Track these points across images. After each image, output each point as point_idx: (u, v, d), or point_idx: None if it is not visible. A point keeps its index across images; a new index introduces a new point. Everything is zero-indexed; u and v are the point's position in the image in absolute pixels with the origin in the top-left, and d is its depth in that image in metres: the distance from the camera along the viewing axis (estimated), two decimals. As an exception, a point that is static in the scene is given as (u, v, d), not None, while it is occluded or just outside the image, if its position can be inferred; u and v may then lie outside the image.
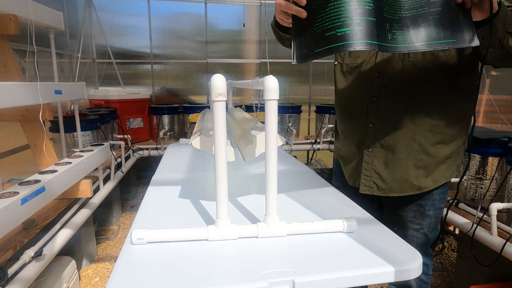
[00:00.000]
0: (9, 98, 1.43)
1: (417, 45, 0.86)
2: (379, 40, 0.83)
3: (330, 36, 0.82)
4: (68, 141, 2.61)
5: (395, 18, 0.86)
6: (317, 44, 0.83)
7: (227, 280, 0.71)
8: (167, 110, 3.99)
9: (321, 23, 0.83)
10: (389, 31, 0.85)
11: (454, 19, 0.86)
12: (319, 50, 0.83)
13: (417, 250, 0.86)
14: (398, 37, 0.86)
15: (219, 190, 0.86)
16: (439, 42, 0.86)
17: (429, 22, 0.87)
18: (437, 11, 0.87)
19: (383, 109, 1.13)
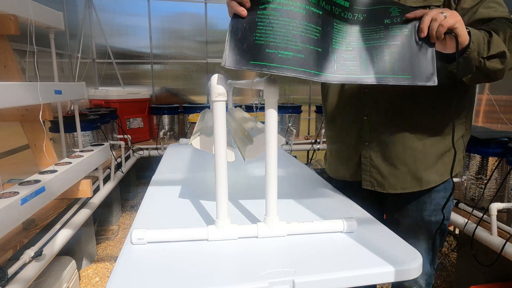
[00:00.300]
0: (9, 98, 1.43)
1: (365, 77, 0.82)
2: (322, 70, 0.80)
3: (270, 54, 0.76)
4: (68, 141, 2.61)
5: (347, 49, 0.84)
6: (254, 56, 0.76)
7: (227, 280, 0.71)
8: (167, 110, 3.99)
9: (264, 36, 0.77)
10: (336, 62, 0.82)
11: (414, 55, 0.84)
12: (254, 63, 0.76)
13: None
14: (346, 68, 0.82)
15: (219, 190, 0.86)
16: (392, 77, 0.83)
17: (385, 55, 0.84)
18: (396, 45, 0.84)
19: (378, 102, 1.12)
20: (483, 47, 0.86)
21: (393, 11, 0.86)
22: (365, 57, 0.84)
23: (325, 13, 0.82)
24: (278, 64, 0.77)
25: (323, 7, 0.81)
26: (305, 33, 0.79)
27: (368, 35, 0.85)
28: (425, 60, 0.84)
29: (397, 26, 0.86)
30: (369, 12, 0.86)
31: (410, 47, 0.85)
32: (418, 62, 0.84)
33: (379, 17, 0.86)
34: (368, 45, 0.84)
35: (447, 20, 0.81)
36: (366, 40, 0.85)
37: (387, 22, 0.86)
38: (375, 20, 0.86)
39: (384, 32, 0.85)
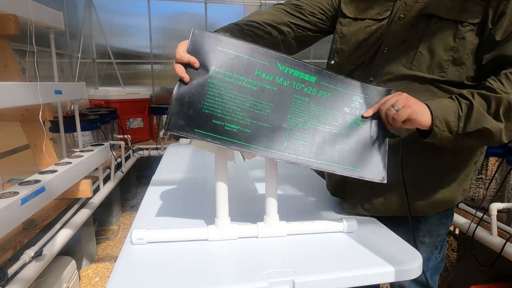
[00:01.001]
0: (9, 98, 1.43)
1: (313, 161, 0.81)
2: (270, 147, 0.78)
3: (216, 125, 0.76)
4: (68, 141, 2.61)
5: (302, 127, 0.81)
6: (199, 125, 0.75)
7: (227, 280, 0.71)
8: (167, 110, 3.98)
9: (212, 106, 0.76)
10: (287, 139, 0.80)
11: (366, 149, 0.83)
12: (199, 132, 0.75)
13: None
14: (296, 147, 0.80)
15: (219, 190, 0.86)
16: (339, 167, 0.82)
17: (336, 144, 0.82)
18: (349, 136, 0.83)
19: None
20: (456, 124, 0.78)
21: (355, 101, 0.85)
22: (317, 141, 0.81)
23: (281, 89, 0.80)
24: (223, 136, 0.76)
25: (281, 83, 0.80)
26: (254, 109, 0.78)
27: (326, 118, 0.83)
28: (377, 156, 0.84)
29: (354, 119, 0.84)
30: (333, 92, 0.84)
31: (364, 140, 0.84)
32: (369, 156, 0.84)
33: (340, 102, 0.84)
34: (323, 128, 0.82)
35: (399, 114, 0.77)
36: (322, 123, 0.82)
37: (346, 110, 0.84)
38: (336, 103, 0.84)
39: (341, 120, 0.83)
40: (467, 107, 0.78)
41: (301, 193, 1.27)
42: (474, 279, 1.88)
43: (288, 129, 0.80)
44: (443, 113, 0.78)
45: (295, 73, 0.81)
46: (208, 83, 0.76)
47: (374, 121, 0.85)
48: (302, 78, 0.81)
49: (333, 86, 0.84)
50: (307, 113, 0.81)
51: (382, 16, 0.95)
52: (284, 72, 0.80)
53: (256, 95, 0.78)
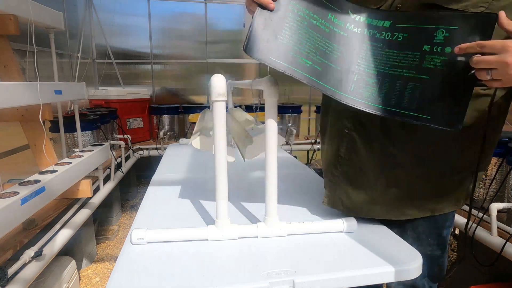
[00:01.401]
0: (9, 98, 1.43)
1: (379, 107, 0.77)
2: (337, 87, 0.78)
3: (290, 56, 0.77)
4: (68, 141, 2.61)
5: (373, 72, 0.78)
6: (275, 53, 0.76)
7: (227, 280, 0.71)
8: (167, 110, 3.99)
9: (289, 38, 0.77)
10: (355, 82, 0.79)
11: (441, 95, 0.73)
12: (273, 61, 0.76)
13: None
14: (362, 91, 0.78)
15: (219, 190, 0.86)
16: (407, 114, 0.75)
17: (407, 88, 0.76)
18: (424, 80, 0.75)
19: (362, 114, 0.85)
20: None
21: (438, 35, 0.74)
22: (386, 86, 0.77)
23: (352, 35, 0.80)
24: (297, 68, 0.77)
25: (352, 30, 0.80)
26: (325, 49, 0.79)
27: (400, 60, 0.77)
28: (454, 103, 0.73)
29: (435, 58, 0.74)
30: (411, 31, 0.77)
31: (440, 85, 0.74)
32: (444, 104, 0.73)
33: (419, 39, 0.76)
34: (395, 72, 0.77)
35: (492, 83, 0.66)
36: (394, 67, 0.78)
37: (425, 49, 0.75)
38: (414, 43, 0.76)
39: (418, 61, 0.75)
40: None
41: (302, 193, 1.27)
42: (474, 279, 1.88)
43: (356, 73, 0.79)
44: None
45: (367, 21, 0.80)
46: (286, 15, 0.78)
47: (460, 61, 0.72)
48: (375, 24, 0.80)
49: (412, 24, 0.77)
50: (377, 58, 0.79)
51: (377, 5, 0.89)
52: (355, 20, 0.80)
53: (328, 37, 0.79)
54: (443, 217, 0.98)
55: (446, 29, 0.74)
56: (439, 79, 0.74)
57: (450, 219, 1.00)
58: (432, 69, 0.74)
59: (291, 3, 0.78)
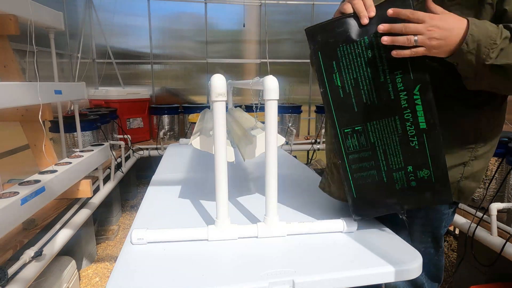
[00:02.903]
0: (9, 98, 1.43)
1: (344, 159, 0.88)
2: (340, 117, 0.87)
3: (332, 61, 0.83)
4: (68, 141, 2.61)
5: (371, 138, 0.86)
6: (329, 56, 0.83)
7: (227, 280, 0.71)
8: (167, 110, 3.99)
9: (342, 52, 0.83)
10: (352, 130, 0.87)
11: (376, 197, 0.89)
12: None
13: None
14: (350, 140, 0.87)
15: (219, 190, 0.86)
16: (349, 180, 0.89)
17: (368, 172, 0.88)
18: (380, 181, 0.87)
19: None
20: (486, 51, 0.73)
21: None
22: (363, 156, 0.88)
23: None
24: (324, 76, 0.85)
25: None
26: (363, 86, 0.85)
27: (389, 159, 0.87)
28: (375, 211, 0.92)
29: (403, 179, 0.87)
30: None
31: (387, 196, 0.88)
32: (372, 204, 0.90)
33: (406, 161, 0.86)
34: (379, 160, 0.87)
35: (418, 50, 0.75)
36: (386, 159, 0.88)
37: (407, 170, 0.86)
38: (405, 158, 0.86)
39: (399, 165, 0.86)
40: (508, 39, 0.73)
41: (301, 193, 1.27)
42: (474, 279, 1.88)
43: (363, 127, 0.86)
44: (479, 34, 0.73)
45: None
46: (356, 41, 0.82)
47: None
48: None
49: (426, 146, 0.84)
50: (383, 137, 0.86)
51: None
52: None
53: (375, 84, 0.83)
54: (437, 216, 0.98)
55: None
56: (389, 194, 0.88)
57: (446, 219, 1.00)
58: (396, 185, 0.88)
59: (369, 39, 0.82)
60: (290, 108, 4.02)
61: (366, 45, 0.81)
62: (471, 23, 0.74)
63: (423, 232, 1.00)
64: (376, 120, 0.84)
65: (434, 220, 0.99)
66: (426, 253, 1.01)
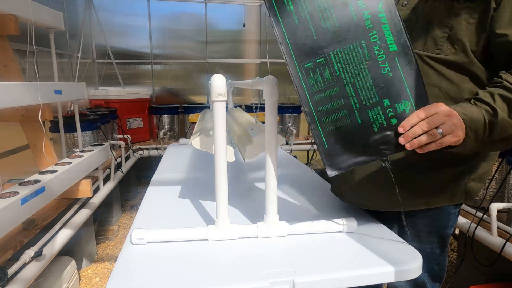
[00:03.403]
0: (9, 98, 1.43)
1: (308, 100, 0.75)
2: (297, 54, 0.74)
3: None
4: (68, 141, 2.61)
5: (336, 69, 0.74)
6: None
7: (227, 280, 0.71)
8: (167, 110, 3.99)
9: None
10: (313, 62, 0.74)
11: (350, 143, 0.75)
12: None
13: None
14: (312, 76, 0.74)
15: (219, 190, 0.86)
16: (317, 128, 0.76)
17: (339, 112, 0.74)
18: (354, 122, 0.74)
19: None
20: (482, 133, 0.74)
21: (402, 106, 0.74)
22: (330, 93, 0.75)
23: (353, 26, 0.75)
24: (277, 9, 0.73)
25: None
26: (320, 11, 0.73)
27: (362, 87, 0.74)
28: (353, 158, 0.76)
29: (380, 116, 0.74)
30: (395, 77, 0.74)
31: (361, 138, 0.75)
32: (347, 150, 0.76)
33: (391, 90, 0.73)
34: (347, 92, 0.74)
35: (443, 141, 0.71)
36: (354, 88, 0.75)
37: (385, 102, 0.74)
38: (387, 88, 0.74)
39: (369, 104, 0.74)
40: (491, 116, 0.74)
41: (301, 193, 1.27)
42: (474, 279, 1.88)
43: (324, 57, 0.73)
44: (472, 122, 0.73)
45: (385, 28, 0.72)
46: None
47: (389, 137, 0.74)
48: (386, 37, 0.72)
49: (401, 72, 0.73)
50: (354, 66, 0.73)
51: None
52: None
53: (334, 6, 0.72)
54: (444, 216, 0.98)
55: (411, 106, 0.74)
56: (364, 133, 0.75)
57: (452, 219, 1.00)
58: (369, 121, 0.75)
59: None
60: (290, 108, 4.02)
61: None
62: (459, 113, 0.73)
63: (430, 232, 1.00)
64: (340, 48, 0.72)
65: (441, 220, 0.99)
66: (432, 253, 1.01)
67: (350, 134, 0.75)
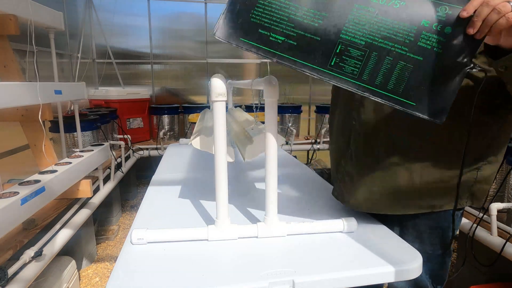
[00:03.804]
0: (9, 98, 1.43)
1: (361, 85, 0.70)
2: (313, 62, 0.71)
3: (262, 35, 0.71)
4: (68, 141, 2.61)
5: (359, 42, 0.69)
6: (246, 34, 0.71)
7: (227, 280, 0.71)
8: (167, 110, 3.99)
9: (261, 15, 0.71)
10: (336, 55, 0.70)
11: (432, 81, 0.68)
12: (244, 41, 0.71)
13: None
14: (345, 65, 0.70)
15: (219, 190, 0.86)
16: (392, 97, 0.70)
17: (396, 67, 0.69)
18: (416, 61, 0.68)
19: (368, 104, 0.92)
20: None
21: (440, 11, 0.67)
22: (373, 61, 0.69)
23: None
24: (267, 47, 0.71)
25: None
26: (303, 18, 0.70)
27: (393, 33, 0.68)
28: (443, 91, 0.68)
29: (432, 37, 0.67)
30: (410, 0, 0.68)
31: (431, 70, 0.68)
32: (432, 90, 0.69)
33: (418, 12, 0.67)
34: (385, 46, 0.69)
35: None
36: (386, 39, 0.68)
37: (424, 24, 0.67)
38: (412, 15, 0.67)
39: (413, 37, 0.68)
40: None
41: (301, 193, 1.27)
42: (474, 279, 1.88)
43: (340, 43, 0.70)
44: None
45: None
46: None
47: (457, 45, 0.67)
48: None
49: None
50: (368, 25, 0.68)
51: None
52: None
53: (308, 3, 0.70)
54: (447, 218, 0.97)
55: (449, 6, 0.67)
56: (433, 62, 0.68)
57: (456, 220, 0.98)
58: (427, 49, 0.68)
59: None
60: (290, 108, 4.02)
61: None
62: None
63: (432, 234, 0.99)
64: (343, 22, 0.70)
65: (444, 222, 0.98)
66: (434, 255, 1.00)
67: (423, 76, 0.69)
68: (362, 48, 0.69)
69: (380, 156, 0.92)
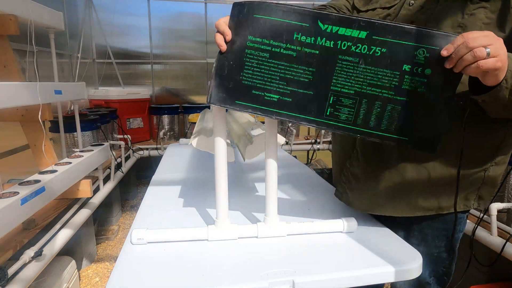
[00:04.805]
0: (9, 98, 1.43)
1: (357, 129, 0.76)
2: (310, 114, 0.76)
3: (256, 95, 0.76)
4: (68, 141, 2.61)
5: (348, 91, 0.74)
6: (240, 97, 0.76)
7: (227, 280, 0.71)
8: (167, 110, 3.99)
9: (251, 77, 0.76)
10: (330, 106, 0.75)
11: (420, 117, 0.73)
12: (240, 103, 0.76)
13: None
14: (339, 114, 0.75)
15: (219, 190, 0.86)
16: (386, 136, 0.75)
17: (386, 109, 0.74)
18: (402, 102, 0.73)
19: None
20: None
21: (419, 55, 0.71)
22: (364, 107, 0.74)
23: (324, 51, 0.74)
24: (264, 106, 0.76)
25: (323, 44, 0.73)
26: (293, 76, 0.75)
27: (379, 79, 0.73)
28: (434, 125, 0.73)
29: (414, 80, 0.72)
30: (391, 47, 0.72)
31: (421, 106, 0.73)
32: (422, 125, 0.74)
33: (399, 57, 0.72)
34: (373, 92, 0.74)
35: (488, 61, 0.64)
36: (373, 86, 0.73)
37: (405, 68, 0.72)
38: (393, 61, 0.72)
39: (397, 81, 0.72)
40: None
41: (301, 193, 1.27)
42: (474, 279, 1.88)
43: (332, 94, 0.75)
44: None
45: (340, 31, 0.72)
46: (245, 53, 0.75)
47: (439, 83, 0.71)
48: (349, 35, 0.72)
49: (390, 39, 0.71)
50: (354, 76, 0.73)
51: (391, 4, 0.93)
52: (327, 32, 0.73)
53: (296, 61, 0.75)
54: (453, 220, 0.96)
55: (427, 48, 0.71)
56: (419, 102, 0.73)
57: (461, 224, 0.98)
58: (412, 91, 0.73)
59: (249, 39, 0.75)
60: (290, 108, 4.02)
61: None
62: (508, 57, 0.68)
63: (437, 236, 0.98)
64: (333, 75, 0.75)
65: (449, 224, 0.97)
66: (439, 257, 1.00)
67: (412, 114, 0.74)
68: (353, 97, 0.75)
69: (388, 156, 0.91)
